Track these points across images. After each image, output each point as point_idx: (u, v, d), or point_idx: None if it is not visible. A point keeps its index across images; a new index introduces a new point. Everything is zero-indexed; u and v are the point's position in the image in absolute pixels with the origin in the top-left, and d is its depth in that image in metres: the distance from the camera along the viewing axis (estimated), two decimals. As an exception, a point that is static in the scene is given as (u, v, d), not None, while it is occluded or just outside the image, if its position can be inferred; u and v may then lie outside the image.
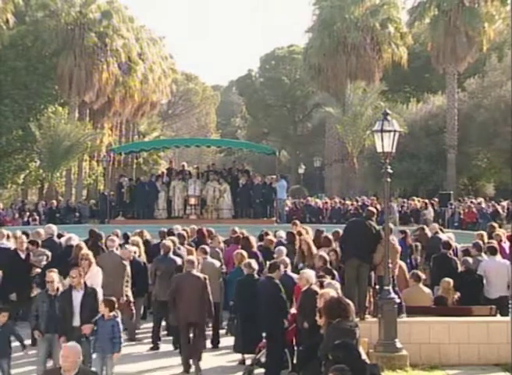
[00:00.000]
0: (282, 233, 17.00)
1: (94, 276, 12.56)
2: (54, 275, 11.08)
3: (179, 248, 14.70)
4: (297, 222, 18.48)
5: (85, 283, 10.90)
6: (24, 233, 16.81)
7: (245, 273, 12.41)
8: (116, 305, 10.62)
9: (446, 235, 16.92)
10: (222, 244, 16.50)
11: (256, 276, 12.39)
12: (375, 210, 13.92)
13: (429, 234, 17.27)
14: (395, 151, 12.51)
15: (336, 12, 47.13)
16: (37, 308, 10.94)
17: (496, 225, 18.65)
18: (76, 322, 10.63)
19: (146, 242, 16.25)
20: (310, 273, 11.32)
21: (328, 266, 12.73)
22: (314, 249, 14.31)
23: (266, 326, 11.47)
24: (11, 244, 16.06)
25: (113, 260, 14.12)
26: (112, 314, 10.35)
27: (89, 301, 10.68)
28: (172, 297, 11.82)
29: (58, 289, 10.96)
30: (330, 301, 8.34)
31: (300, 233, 15.98)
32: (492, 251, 14.32)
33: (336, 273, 12.51)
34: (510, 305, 14.12)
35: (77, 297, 10.72)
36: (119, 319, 10.40)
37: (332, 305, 8.15)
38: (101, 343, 10.30)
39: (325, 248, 14.31)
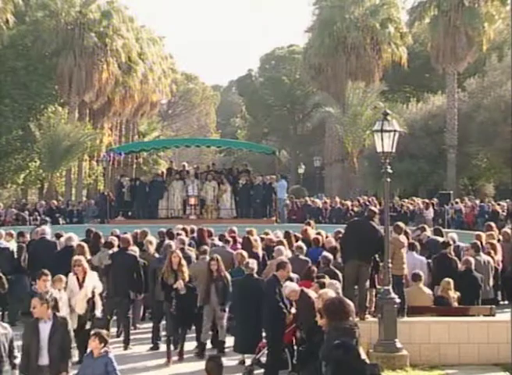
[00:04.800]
0: (280, 234, 16.99)
1: (93, 281, 12.41)
2: None
3: (182, 249, 14.69)
4: (312, 222, 18.60)
5: (53, 312, 9.15)
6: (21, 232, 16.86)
7: (245, 272, 12.45)
8: (108, 338, 8.86)
9: (449, 235, 16.95)
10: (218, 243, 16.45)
11: (256, 276, 12.42)
12: (376, 210, 13.94)
13: (429, 235, 17.31)
14: (395, 151, 12.52)
15: (336, 12, 47.12)
16: None
17: (493, 225, 18.66)
18: (44, 360, 8.86)
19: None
20: (291, 285, 11.27)
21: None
22: (184, 262, 12.89)
23: (265, 325, 11.49)
24: (10, 244, 16.09)
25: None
26: (103, 350, 8.53)
27: (59, 334, 8.91)
28: None
29: None
30: (331, 302, 8.33)
31: (304, 233, 16.11)
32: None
33: (339, 273, 12.51)
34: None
35: (45, 329, 8.91)
36: (111, 355, 8.60)
37: (333, 305, 8.14)
38: None
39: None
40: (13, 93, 43.64)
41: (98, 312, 12.35)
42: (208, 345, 13.17)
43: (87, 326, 11.98)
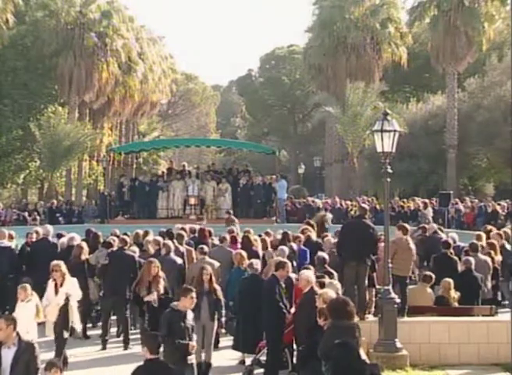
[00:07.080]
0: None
1: (71, 288, 12.07)
2: None
3: (177, 248, 14.68)
4: (311, 221, 18.58)
5: (19, 336, 8.18)
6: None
7: (249, 272, 12.44)
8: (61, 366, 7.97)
9: (450, 235, 16.93)
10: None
11: (259, 275, 12.43)
12: (367, 207, 14.15)
13: (429, 234, 17.29)
14: (395, 151, 12.52)
15: (336, 12, 47.11)
16: None
17: (490, 227, 18.62)
18: None
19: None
20: (309, 274, 11.30)
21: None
22: (161, 274, 12.30)
23: (265, 325, 11.48)
24: (11, 244, 16.08)
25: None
26: None
27: (23, 361, 7.98)
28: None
29: None
30: (334, 302, 8.34)
31: (304, 232, 16.11)
32: None
33: (335, 273, 12.52)
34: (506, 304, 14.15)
35: (8, 355, 8.03)
36: None
37: (336, 305, 8.15)
38: None
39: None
40: (13, 93, 43.66)
41: (74, 322, 11.87)
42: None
43: (65, 336, 11.86)
